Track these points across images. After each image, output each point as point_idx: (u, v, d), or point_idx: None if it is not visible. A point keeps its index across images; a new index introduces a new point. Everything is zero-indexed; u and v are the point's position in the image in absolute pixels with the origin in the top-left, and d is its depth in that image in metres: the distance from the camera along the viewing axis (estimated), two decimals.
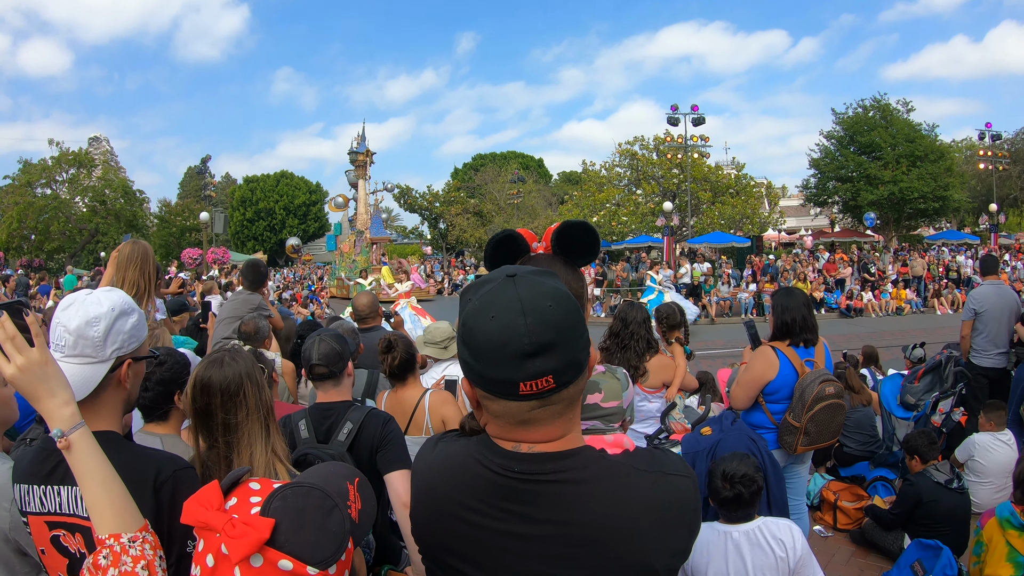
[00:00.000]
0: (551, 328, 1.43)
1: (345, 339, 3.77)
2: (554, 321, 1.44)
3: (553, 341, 1.43)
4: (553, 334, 1.43)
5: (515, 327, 1.42)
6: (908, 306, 29.02)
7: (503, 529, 1.54)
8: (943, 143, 47.56)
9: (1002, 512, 4.37)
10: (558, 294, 1.48)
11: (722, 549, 3.66)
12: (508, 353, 1.42)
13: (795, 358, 4.84)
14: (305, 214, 68.80)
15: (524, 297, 1.45)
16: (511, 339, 1.42)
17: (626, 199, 44.56)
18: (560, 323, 1.44)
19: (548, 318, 1.43)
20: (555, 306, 1.45)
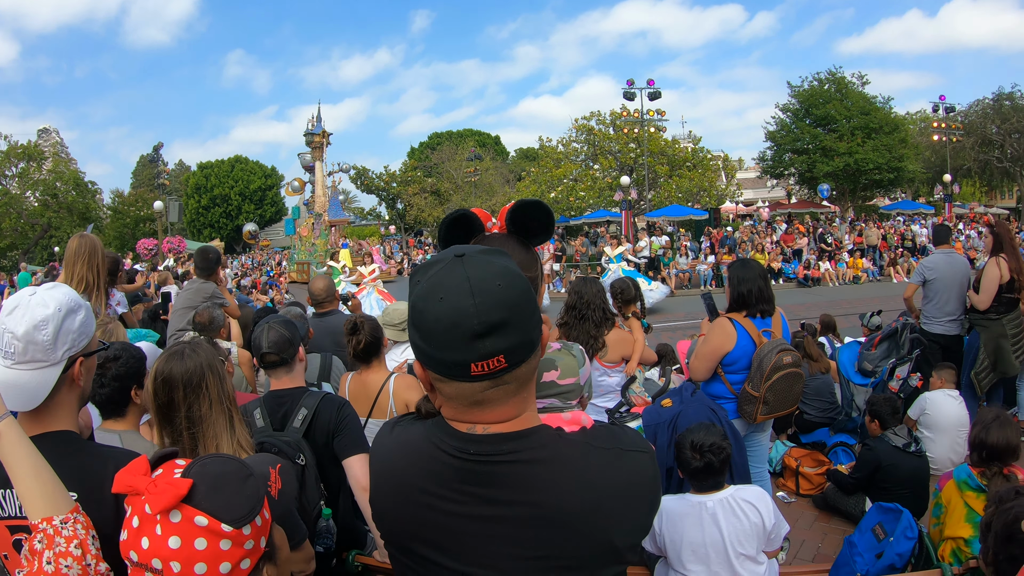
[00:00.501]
0: (501, 308, 1.41)
1: (294, 324, 3.75)
2: (504, 300, 1.42)
3: (503, 321, 1.41)
4: (503, 313, 1.41)
5: (464, 308, 1.40)
6: (865, 275, 29.56)
7: (464, 512, 1.53)
8: (898, 115, 48.38)
9: (960, 475, 4.42)
10: (508, 273, 1.46)
11: (697, 520, 3.67)
12: (458, 334, 1.40)
13: (752, 329, 4.87)
14: (261, 199, 68.21)
15: (473, 277, 1.42)
16: (461, 320, 1.40)
17: (583, 174, 44.69)
18: (510, 302, 1.42)
19: (498, 298, 1.41)
20: (504, 285, 1.43)
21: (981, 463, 4.36)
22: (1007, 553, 2.65)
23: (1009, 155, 45.57)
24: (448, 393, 1.52)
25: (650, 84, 36.86)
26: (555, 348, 2.07)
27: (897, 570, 3.97)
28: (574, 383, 2.03)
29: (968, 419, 6.31)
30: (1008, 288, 7.29)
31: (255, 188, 67.67)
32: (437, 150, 63.63)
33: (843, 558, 4.37)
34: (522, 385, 1.52)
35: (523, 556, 1.51)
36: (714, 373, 4.98)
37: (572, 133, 45.96)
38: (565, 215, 43.22)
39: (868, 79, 46.67)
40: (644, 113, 38.11)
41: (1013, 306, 7.37)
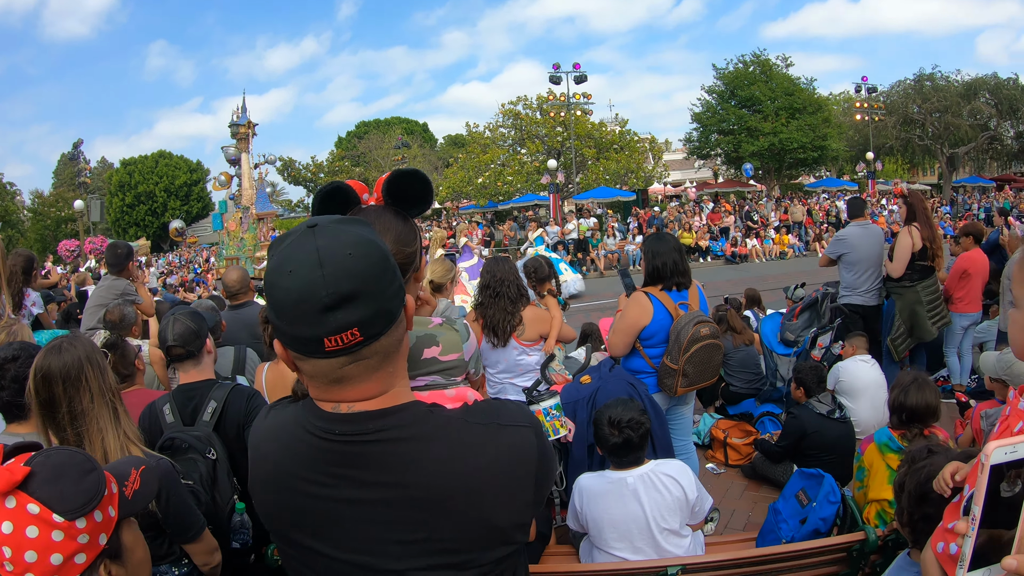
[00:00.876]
0: (351, 278, 1.33)
1: (201, 316, 3.68)
2: (354, 270, 1.34)
3: (354, 291, 1.33)
4: (354, 284, 1.33)
5: (312, 280, 1.32)
6: (791, 251, 30.35)
7: (339, 496, 1.45)
8: (821, 96, 49.42)
9: (880, 437, 4.48)
10: (361, 241, 1.38)
11: (618, 497, 3.66)
12: (307, 308, 1.32)
13: (668, 302, 4.85)
14: (187, 195, 66.29)
15: (322, 247, 1.35)
16: (309, 293, 1.32)
17: (511, 159, 44.49)
18: (362, 272, 1.35)
19: (347, 267, 1.34)
20: (356, 254, 1.36)
21: (901, 425, 4.42)
22: (922, 512, 2.63)
23: (930, 133, 46.71)
24: (308, 371, 1.45)
25: (576, 68, 37.00)
26: (436, 323, 1.98)
27: (822, 534, 3.99)
28: (457, 359, 1.96)
29: (884, 381, 6.45)
30: (921, 256, 7.47)
31: (180, 183, 65.73)
32: (364, 139, 62.78)
33: (768, 525, 4.39)
34: (385, 359, 1.45)
35: (401, 540, 1.44)
36: (633, 348, 4.97)
37: (499, 118, 45.76)
38: (493, 200, 43.28)
39: (792, 61, 47.59)
40: (570, 97, 38.28)
41: (928, 273, 7.57)
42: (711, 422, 7.23)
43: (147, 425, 3.48)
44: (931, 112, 45.66)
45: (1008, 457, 1.25)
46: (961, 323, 7.98)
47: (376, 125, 69.43)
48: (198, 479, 3.14)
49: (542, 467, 1.55)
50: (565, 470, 4.71)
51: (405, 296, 1.48)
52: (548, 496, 4.86)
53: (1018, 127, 46.06)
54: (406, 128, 67.60)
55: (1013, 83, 45.58)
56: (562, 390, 4.72)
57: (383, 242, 1.43)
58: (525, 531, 1.55)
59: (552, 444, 4.58)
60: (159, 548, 2.73)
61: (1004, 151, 48.19)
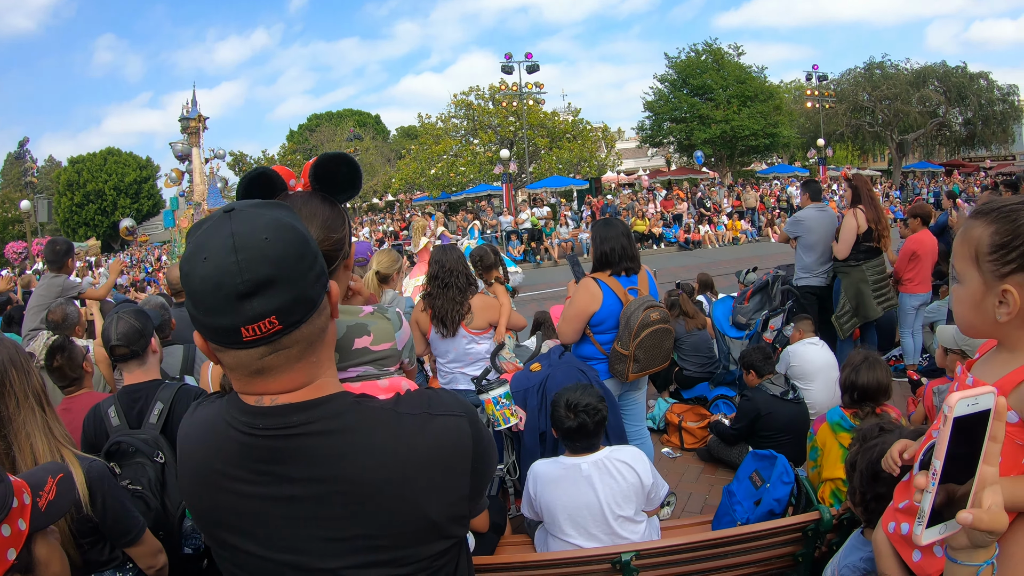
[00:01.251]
0: (267, 263, 1.27)
1: (146, 314, 3.56)
2: (271, 255, 1.27)
3: (271, 278, 1.27)
4: (270, 269, 1.27)
5: (227, 266, 1.25)
6: (744, 236, 30.78)
7: (265, 494, 1.39)
8: (772, 84, 50.19)
9: (832, 417, 4.50)
10: (278, 225, 1.31)
11: (572, 483, 3.63)
12: (223, 296, 1.26)
13: (618, 287, 4.82)
14: (137, 192, 64.98)
15: (238, 232, 1.28)
16: (224, 280, 1.25)
17: (463, 150, 44.56)
18: (278, 257, 1.28)
19: (263, 252, 1.27)
20: (272, 239, 1.29)
21: (853, 404, 4.45)
22: (874, 492, 2.62)
23: (880, 120, 47.52)
24: (228, 363, 1.38)
25: (528, 58, 36.99)
26: (367, 312, 1.90)
27: (776, 515, 3.99)
28: (390, 348, 1.89)
29: (836, 362, 6.50)
30: (867, 238, 7.57)
31: (130, 181, 64.31)
32: (316, 132, 62.17)
33: (723, 508, 4.38)
34: (308, 349, 1.39)
35: (331, 538, 1.39)
36: (583, 335, 4.93)
37: (451, 109, 45.67)
38: (446, 191, 43.38)
39: (744, 50, 48.41)
40: (523, 87, 38.29)
41: (874, 254, 7.67)
42: (666, 407, 7.25)
43: (92, 429, 3.38)
44: (881, 99, 46.44)
45: (970, 409, 1.24)
46: (912, 303, 8.10)
47: (328, 118, 68.68)
48: (147, 484, 3.05)
49: (479, 457, 1.50)
50: (518, 459, 4.66)
51: (328, 282, 1.42)
52: (503, 487, 4.83)
53: (966, 114, 46.99)
54: (358, 120, 67.29)
55: (962, 71, 46.49)
56: (512, 378, 4.68)
57: (303, 226, 1.37)
58: (463, 524, 1.51)
59: (503, 433, 4.52)
60: (100, 553, 2.63)
61: (952, 137, 49.11)
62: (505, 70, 37.20)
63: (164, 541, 2.88)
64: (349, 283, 2.01)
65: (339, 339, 1.73)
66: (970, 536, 1.29)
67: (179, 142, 33.89)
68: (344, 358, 1.77)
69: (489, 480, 1.61)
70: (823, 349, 6.65)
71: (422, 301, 5.29)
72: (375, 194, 54.24)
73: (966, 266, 1.64)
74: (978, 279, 1.61)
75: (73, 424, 3.36)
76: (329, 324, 1.44)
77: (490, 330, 5.25)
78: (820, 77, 45.80)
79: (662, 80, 47.85)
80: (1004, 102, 46.56)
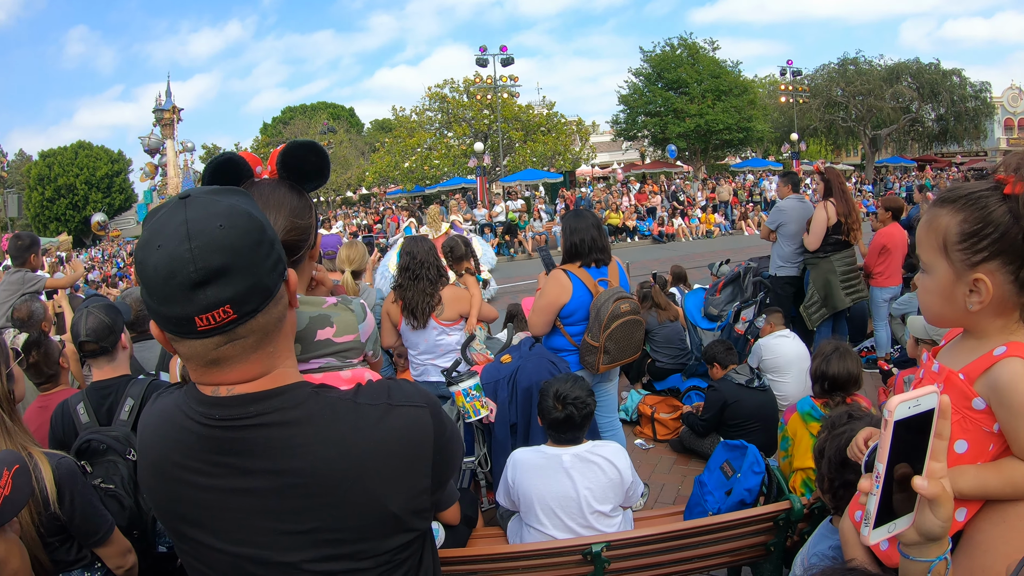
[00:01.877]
0: (221, 251, 1.24)
1: (116, 309, 3.49)
2: (225, 243, 1.25)
3: (225, 266, 1.24)
4: (224, 257, 1.24)
5: (180, 254, 1.23)
6: (717, 229, 30.93)
7: (223, 486, 1.37)
8: (746, 79, 50.34)
9: (803, 407, 4.52)
10: (233, 212, 1.29)
11: (552, 473, 3.62)
12: (176, 285, 1.23)
13: (588, 279, 4.80)
14: (109, 186, 64.18)
15: (192, 219, 1.25)
16: (177, 269, 1.23)
17: (438, 143, 44.26)
18: (233, 245, 1.26)
19: (217, 240, 1.24)
20: (228, 226, 1.26)
21: (824, 394, 4.47)
22: (843, 479, 2.61)
23: (853, 116, 47.93)
24: (184, 353, 1.36)
25: (503, 51, 36.85)
26: (331, 303, 1.87)
27: (747, 505, 4.00)
28: (353, 340, 1.87)
29: (807, 353, 6.55)
30: (836, 230, 7.63)
31: (102, 175, 63.48)
32: (290, 125, 61.60)
33: (695, 498, 4.38)
34: (264, 338, 1.36)
35: (290, 531, 1.37)
36: (554, 326, 4.92)
37: (426, 102, 45.43)
38: (420, 184, 43.25)
39: (719, 45, 48.47)
40: (497, 80, 38.19)
41: (843, 247, 7.74)
42: (638, 398, 7.27)
43: (60, 426, 3.33)
44: (854, 95, 46.83)
45: (912, 411, 1.25)
46: (882, 296, 8.19)
47: (302, 110, 68.20)
48: (119, 482, 2.99)
49: (440, 449, 1.48)
50: (489, 451, 4.64)
51: (286, 271, 1.40)
52: (474, 479, 4.82)
53: (939, 110, 47.41)
54: (332, 113, 66.85)
55: (935, 68, 46.99)
56: (482, 370, 4.67)
57: (260, 213, 1.35)
58: (425, 517, 1.49)
59: (474, 425, 4.50)
60: (67, 553, 2.60)
61: (925, 133, 49.57)
62: (480, 63, 37.06)
63: (138, 540, 2.86)
64: (312, 273, 1.99)
65: (301, 330, 1.70)
66: (918, 528, 1.30)
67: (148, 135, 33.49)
68: (306, 349, 1.74)
69: (453, 472, 1.59)
70: (795, 341, 6.70)
71: (393, 292, 5.27)
72: (349, 187, 53.97)
73: (933, 256, 1.62)
74: (947, 269, 1.59)
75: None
76: (287, 313, 1.42)
77: (461, 321, 5.24)
78: (794, 72, 46.14)
79: (637, 74, 47.91)
80: (976, 99, 47.13)
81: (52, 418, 3.36)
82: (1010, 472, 1.53)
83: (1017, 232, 1.49)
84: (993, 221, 1.52)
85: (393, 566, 1.44)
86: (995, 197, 1.53)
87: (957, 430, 1.65)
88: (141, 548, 2.87)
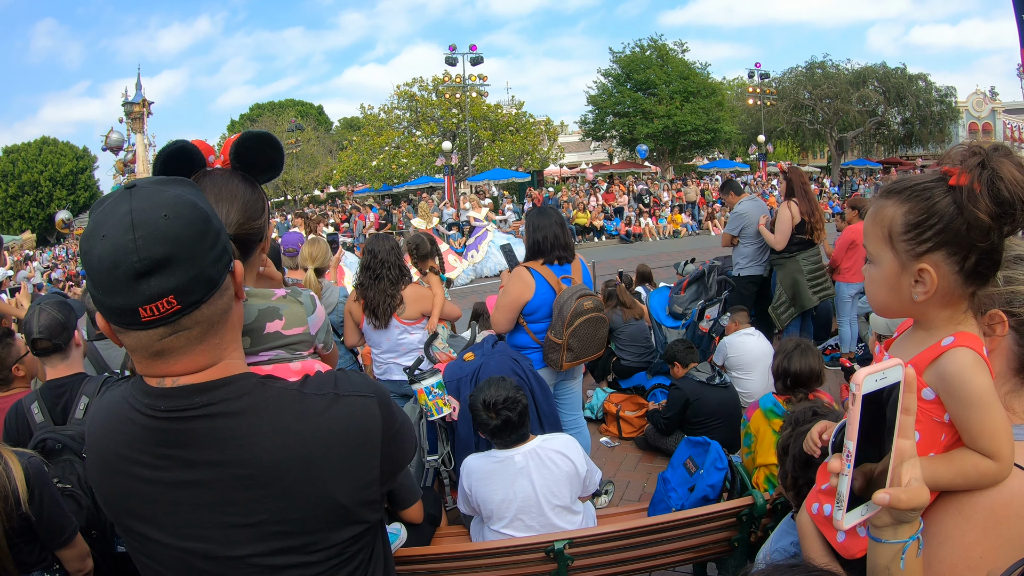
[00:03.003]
0: (165, 241, 1.23)
1: (68, 306, 3.43)
2: (169, 233, 1.24)
3: (168, 256, 1.23)
4: (168, 248, 1.23)
5: (124, 244, 1.22)
6: (684, 229, 31.21)
7: (169, 479, 1.35)
8: (715, 81, 50.86)
9: (765, 403, 4.56)
10: (178, 202, 1.28)
11: (507, 476, 3.60)
12: (120, 275, 1.22)
13: (551, 276, 4.81)
14: (74, 183, 62.86)
15: (136, 209, 1.24)
16: (120, 258, 1.21)
17: (406, 141, 44.28)
18: (177, 235, 1.25)
19: (161, 230, 1.23)
20: (172, 216, 1.25)
21: (786, 391, 4.52)
22: (806, 477, 2.60)
23: (820, 118, 48.32)
24: (130, 344, 1.34)
25: (472, 50, 36.81)
26: (280, 295, 1.84)
27: (711, 501, 4.02)
28: (303, 332, 1.85)
29: (772, 351, 6.55)
30: (800, 230, 7.70)
31: (67, 172, 62.20)
32: (258, 122, 60.78)
33: (658, 495, 4.40)
34: (209, 330, 1.35)
35: (238, 524, 1.35)
36: (517, 324, 4.92)
37: (394, 100, 45.32)
38: (388, 183, 43.19)
39: (688, 47, 48.75)
40: (466, 79, 38.15)
41: (807, 246, 7.81)
42: (603, 396, 7.30)
43: (14, 426, 3.27)
44: (821, 98, 47.23)
45: (879, 384, 1.23)
46: (848, 292, 8.26)
47: (270, 108, 67.51)
48: (76, 482, 2.96)
49: (389, 440, 1.47)
50: (452, 450, 4.61)
51: (231, 262, 1.38)
52: (438, 477, 4.78)
53: (904, 114, 47.95)
54: (300, 111, 66.34)
55: (901, 72, 47.46)
56: (445, 368, 4.65)
57: (206, 203, 1.34)
58: (375, 508, 1.48)
59: (437, 423, 4.47)
60: (30, 554, 2.58)
61: (891, 136, 50.13)
62: (449, 62, 36.92)
63: (96, 540, 2.85)
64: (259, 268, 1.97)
65: (250, 323, 1.69)
66: (892, 513, 1.28)
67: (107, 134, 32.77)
68: (255, 342, 1.72)
69: (404, 463, 1.58)
70: (759, 339, 6.76)
71: (355, 291, 5.24)
72: (316, 186, 53.66)
73: (879, 247, 1.63)
74: (892, 259, 1.60)
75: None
76: (233, 305, 1.41)
77: (423, 320, 5.22)
78: (762, 75, 46.49)
79: (606, 75, 48.07)
80: (941, 103, 47.70)
81: (6, 418, 3.30)
82: (961, 463, 1.53)
83: (961, 223, 1.50)
84: (938, 212, 1.53)
85: (343, 560, 1.43)
86: (940, 188, 1.54)
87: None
88: (99, 548, 2.86)
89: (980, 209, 1.48)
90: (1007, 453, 1.48)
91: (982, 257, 1.53)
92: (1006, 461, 1.49)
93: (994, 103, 52.34)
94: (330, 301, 5.53)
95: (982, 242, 1.51)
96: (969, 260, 1.53)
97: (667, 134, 45.06)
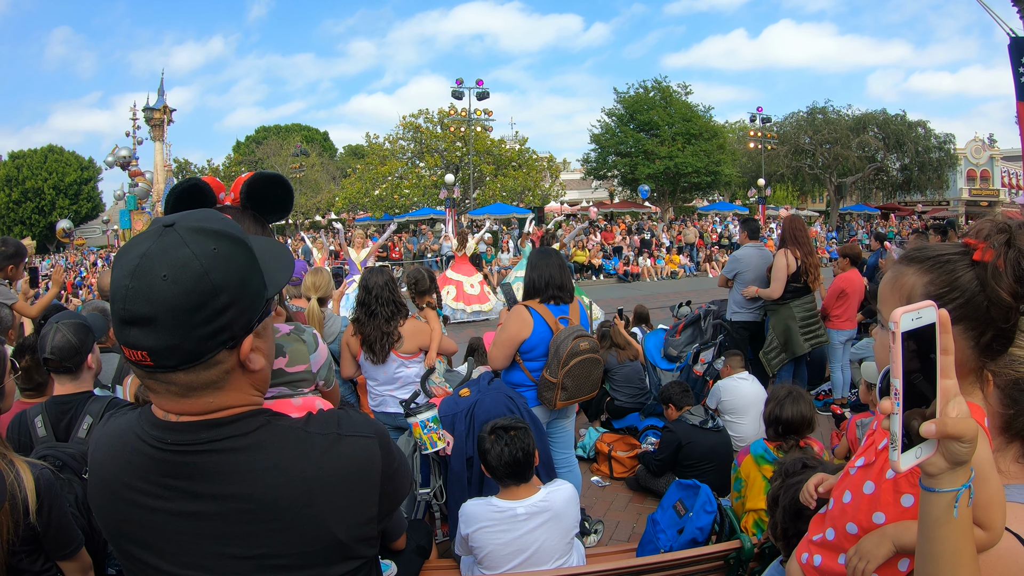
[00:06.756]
0: (151, 303, 1.24)
1: (87, 329, 3.37)
2: (158, 296, 1.24)
3: (149, 317, 1.24)
4: (151, 309, 1.24)
5: (120, 286, 1.26)
6: (682, 270, 31.22)
7: (172, 509, 1.37)
8: (717, 123, 51.02)
9: (756, 449, 4.58)
10: (188, 267, 1.26)
11: (509, 528, 3.54)
12: (114, 309, 1.27)
13: (549, 316, 4.86)
14: (77, 193, 62.91)
15: (147, 255, 1.26)
16: (116, 297, 1.26)
17: (409, 172, 44.41)
18: (166, 300, 1.24)
19: (153, 290, 1.24)
20: (171, 279, 1.25)
21: (777, 437, 4.53)
22: (796, 529, 2.62)
23: (820, 163, 48.56)
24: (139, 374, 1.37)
25: (479, 84, 37.01)
26: (284, 332, 1.88)
27: (699, 543, 4.05)
28: (304, 370, 1.89)
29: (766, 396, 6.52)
30: (795, 277, 7.74)
31: (71, 181, 62.25)
32: (263, 144, 60.83)
33: (647, 536, 4.43)
34: (191, 391, 1.36)
35: (236, 556, 1.38)
36: (513, 361, 4.95)
37: (399, 130, 45.55)
38: (389, 212, 43.07)
39: (691, 90, 49.03)
40: (472, 112, 38.29)
41: (802, 292, 7.84)
42: (596, 436, 7.27)
43: (16, 437, 3.26)
44: (821, 143, 47.41)
45: (915, 324, 1.22)
46: (839, 339, 8.34)
47: (276, 131, 67.46)
48: (74, 501, 2.92)
49: (388, 479, 1.50)
50: (444, 484, 4.63)
51: (231, 342, 1.35)
52: (429, 510, 4.80)
53: (903, 160, 48.06)
54: (306, 136, 66.39)
55: (900, 119, 47.70)
56: (441, 403, 4.68)
57: (219, 275, 1.29)
58: (371, 545, 1.50)
59: (430, 457, 4.50)
60: (33, 564, 2.58)
61: (889, 181, 50.25)
62: (455, 95, 37.05)
63: None
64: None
65: None
66: (946, 453, 1.24)
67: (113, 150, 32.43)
68: None
69: (400, 501, 1.61)
70: (753, 384, 6.78)
71: (352, 325, 5.26)
72: (318, 212, 53.70)
73: None
74: None
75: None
76: (231, 377, 1.40)
77: (420, 354, 5.25)
78: (764, 119, 46.62)
79: (610, 114, 48.27)
80: (940, 150, 47.87)
81: (9, 428, 3.31)
82: None
83: (983, 300, 1.49)
84: (960, 286, 1.51)
85: None
86: (963, 262, 1.52)
87: (906, 485, 1.67)
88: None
89: (1003, 288, 1.48)
90: (999, 524, 1.46)
91: (998, 334, 1.52)
92: (997, 531, 1.46)
93: (992, 150, 52.58)
94: (332, 330, 5.55)
95: (1003, 321, 1.50)
96: (985, 336, 1.52)
97: (668, 175, 45.16)
